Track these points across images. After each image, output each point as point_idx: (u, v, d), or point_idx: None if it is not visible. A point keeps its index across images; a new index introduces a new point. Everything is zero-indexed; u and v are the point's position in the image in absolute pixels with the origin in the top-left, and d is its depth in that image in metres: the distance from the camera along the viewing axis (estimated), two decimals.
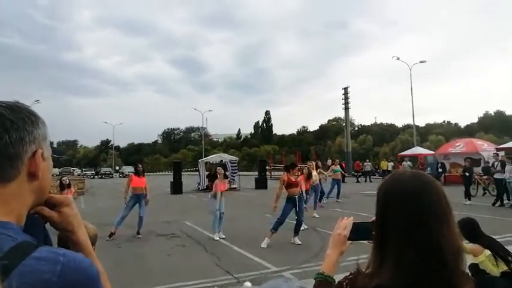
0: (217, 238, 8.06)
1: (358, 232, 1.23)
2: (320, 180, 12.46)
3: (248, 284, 0.35)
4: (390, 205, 1.05)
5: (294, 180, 7.87)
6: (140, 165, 9.04)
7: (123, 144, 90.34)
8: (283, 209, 7.68)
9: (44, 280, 0.65)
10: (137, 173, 8.82)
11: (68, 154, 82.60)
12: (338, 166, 15.04)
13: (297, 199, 7.75)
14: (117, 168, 62.25)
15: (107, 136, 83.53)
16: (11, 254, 0.66)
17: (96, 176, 51.10)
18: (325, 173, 14.30)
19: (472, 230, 3.30)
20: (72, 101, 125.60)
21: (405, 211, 1.01)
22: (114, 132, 70.92)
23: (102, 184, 33.39)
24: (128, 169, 50.69)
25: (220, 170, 8.90)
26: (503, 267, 3.10)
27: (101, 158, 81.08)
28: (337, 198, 14.49)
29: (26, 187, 0.76)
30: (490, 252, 3.18)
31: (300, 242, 7.56)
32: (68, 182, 9.38)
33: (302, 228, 8.16)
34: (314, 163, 12.05)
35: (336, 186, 14.47)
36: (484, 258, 3.19)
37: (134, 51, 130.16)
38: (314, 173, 11.38)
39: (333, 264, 1.25)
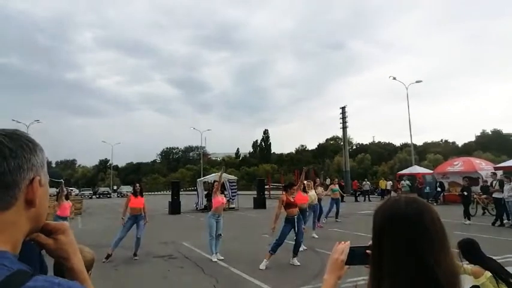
0: (215, 259, 7.96)
1: (355, 256, 1.23)
2: (320, 200, 12.39)
3: None
4: (385, 231, 1.06)
5: (293, 200, 7.85)
6: (138, 185, 8.98)
7: (121, 163, 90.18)
8: (281, 230, 7.61)
9: None
10: (135, 193, 8.77)
11: (66, 174, 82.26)
12: (337, 185, 14.97)
13: (295, 219, 7.70)
14: (115, 188, 61.86)
15: (105, 155, 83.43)
16: (6, 284, 0.65)
17: (94, 196, 50.71)
18: (324, 192, 14.16)
19: (472, 251, 3.28)
20: (72, 121, 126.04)
21: (400, 238, 1.02)
22: (113, 151, 70.77)
23: (100, 204, 33.10)
24: (126, 189, 50.47)
25: (217, 183, 8.70)
26: None
27: (99, 177, 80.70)
28: (336, 218, 14.39)
29: (23, 215, 0.76)
30: (491, 274, 3.16)
31: (299, 263, 7.46)
32: (66, 193, 9.43)
33: (301, 249, 8.07)
34: (312, 182, 12.00)
35: (334, 205, 14.39)
36: (485, 279, 3.16)
37: (134, 71, 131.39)
38: (312, 192, 11.34)
39: None
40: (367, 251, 1.15)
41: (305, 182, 11.34)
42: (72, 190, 48.27)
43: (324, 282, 1.27)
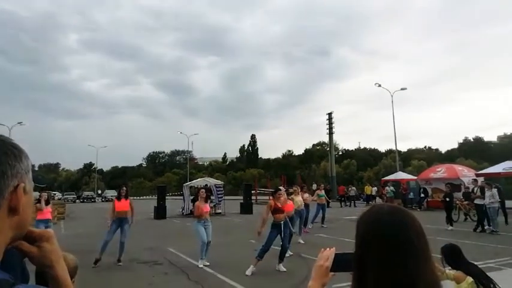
0: (201, 266, 7.91)
1: (340, 263, 1.22)
2: (307, 205, 12.41)
3: None
4: (368, 240, 1.06)
5: (280, 206, 7.88)
6: (125, 188, 8.87)
7: (106, 167, 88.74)
8: (268, 236, 7.62)
9: None
10: (119, 196, 8.66)
11: (49, 177, 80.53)
12: (323, 191, 14.98)
13: (282, 225, 7.73)
14: (99, 192, 60.86)
15: (90, 159, 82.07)
16: None
17: (77, 200, 49.78)
18: (310, 197, 13.98)
19: (455, 257, 3.35)
20: (56, 123, 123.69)
21: (382, 248, 1.02)
22: (98, 155, 69.68)
23: (84, 209, 32.50)
24: (111, 193, 49.56)
25: (203, 192, 8.64)
26: None
27: (83, 181, 79.26)
28: (322, 223, 14.48)
29: (5, 222, 0.74)
30: (472, 279, 3.23)
31: (284, 269, 7.49)
32: (46, 198, 9.24)
33: (287, 254, 8.09)
34: (299, 188, 12.06)
35: (320, 211, 14.47)
36: (466, 285, 3.22)
37: (121, 74, 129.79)
38: (299, 197, 11.40)
39: None
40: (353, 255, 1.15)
41: (294, 188, 11.40)
42: (55, 194, 47.40)
43: None
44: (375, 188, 29.43)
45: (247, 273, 7.16)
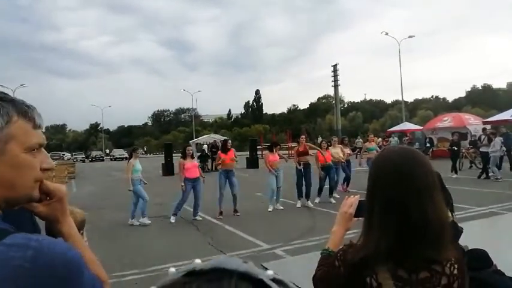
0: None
1: (363, 209, 1.25)
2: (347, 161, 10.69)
3: (172, 269, 0.35)
4: (378, 178, 1.08)
5: (302, 149, 9.14)
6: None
7: (112, 127, 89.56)
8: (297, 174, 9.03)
9: (14, 267, 0.62)
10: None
11: (57, 138, 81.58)
12: (373, 143, 12.36)
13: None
14: (107, 151, 61.77)
15: (96, 119, 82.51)
16: None
17: (86, 160, 50.69)
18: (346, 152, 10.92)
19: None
20: (58, 83, 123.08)
21: (390, 184, 1.04)
22: (103, 115, 69.91)
23: (94, 168, 33.19)
24: (119, 152, 50.42)
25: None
26: None
27: (91, 141, 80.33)
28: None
29: None
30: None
31: (312, 205, 8.78)
32: None
33: (299, 205, 8.95)
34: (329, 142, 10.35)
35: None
36: None
37: (120, 31, 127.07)
38: (337, 149, 10.25)
39: (338, 241, 1.28)
40: None
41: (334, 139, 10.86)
42: (64, 154, 48.28)
43: (332, 233, 1.31)
44: (380, 139, 29.42)
45: (297, 206, 8.86)
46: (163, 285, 0.37)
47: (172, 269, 0.38)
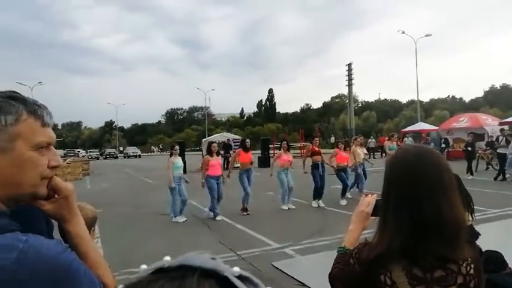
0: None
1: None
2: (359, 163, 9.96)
3: (144, 266, 0.36)
4: (393, 177, 1.09)
5: (317, 149, 9.25)
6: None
7: (127, 125, 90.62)
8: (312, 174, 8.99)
9: None
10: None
11: (72, 135, 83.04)
12: (394, 143, 11.31)
13: (320, 165, 9.03)
14: (121, 149, 62.58)
15: (110, 117, 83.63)
16: None
17: (100, 157, 51.44)
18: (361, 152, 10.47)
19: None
20: (75, 82, 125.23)
21: (404, 183, 1.04)
22: (118, 112, 70.84)
23: (107, 165, 33.67)
24: (132, 150, 51.05)
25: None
26: None
27: (105, 139, 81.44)
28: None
29: None
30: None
31: (323, 205, 8.74)
32: None
33: (315, 205, 8.86)
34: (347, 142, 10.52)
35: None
36: None
37: (135, 29, 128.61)
38: (356, 149, 10.08)
39: (354, 239, 1.29)
40: None
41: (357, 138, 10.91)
42: (79, 151, 49.13)
43: (348, 232, 1.31)
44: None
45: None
46: (129, 285, 0.36)
47: (144, 266, 0.38)
